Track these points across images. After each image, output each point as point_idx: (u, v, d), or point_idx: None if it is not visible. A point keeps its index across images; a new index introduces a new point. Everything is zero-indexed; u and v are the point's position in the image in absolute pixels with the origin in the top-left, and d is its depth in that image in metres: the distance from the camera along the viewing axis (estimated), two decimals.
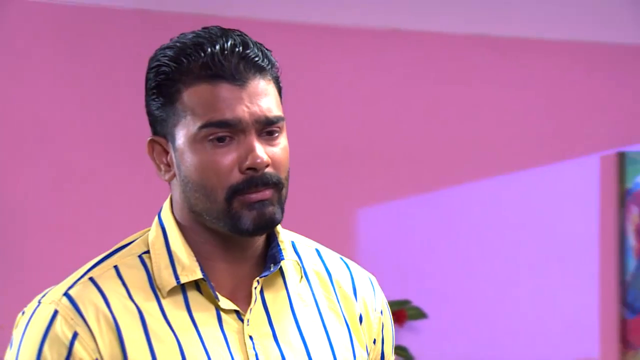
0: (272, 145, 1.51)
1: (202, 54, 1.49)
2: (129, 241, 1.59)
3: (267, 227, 1.50)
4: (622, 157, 3.37)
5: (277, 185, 1.50)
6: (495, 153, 3.37)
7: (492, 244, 3.37)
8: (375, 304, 1.66)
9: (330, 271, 1.64)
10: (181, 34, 1.55)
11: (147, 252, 1.56)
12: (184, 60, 1.50)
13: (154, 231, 1.57)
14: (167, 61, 1.52)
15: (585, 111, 3.39)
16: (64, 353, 1.47)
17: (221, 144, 1.49)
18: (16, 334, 1.54)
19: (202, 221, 1.53)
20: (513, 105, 3.32)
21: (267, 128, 1.50)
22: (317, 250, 1.66)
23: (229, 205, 1.49)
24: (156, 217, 1.59)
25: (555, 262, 3.35)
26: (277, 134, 1.52)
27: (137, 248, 1.57)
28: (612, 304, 3.36)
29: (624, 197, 3.36)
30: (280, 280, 1.57)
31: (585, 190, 3.41)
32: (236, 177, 1.48)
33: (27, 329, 1.51)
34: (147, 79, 1.56)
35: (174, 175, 1.53)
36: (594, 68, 3.39)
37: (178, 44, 1.52)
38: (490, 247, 3.37)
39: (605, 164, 3.41)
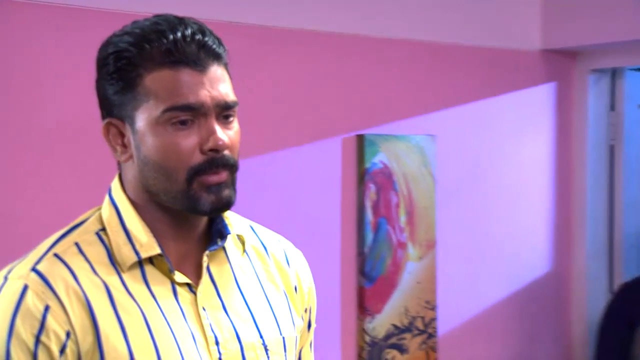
0: (228, 129, 1.55)
1: (165, 41, 1.50)
2: (82, 219, 1.59)
3: (224, 209, 1.55)
4: (361, 140, 3.50)
5: (233, 167, 1.54)
6: (252, 136, 3.43)
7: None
8: (306, 276, 1.75)
9: (266, 245, 1.71)
10: (135, 22, 1.55)
11: (103, 229, 1.57)
12: (147, 46, 1.51)
13: (107, 210, 1.58)
14: (128, 47, 1.52)
15: (328, 97, 3.48)
16: (37, 326, 1.46)
17: (183, 126, 1.51)
18: None
19: (157, 200, 1.55)
20: (261, 90, 3.34)
21: (224, 112, 1.54)
22: (251, 227, 1.72)
23: (188, 186, 1.51)
24: (107, 197, 1.60)
25: (300, 237, 3.33)
26: (232, 118, 1.55)
27: (92, 226, 1.57)
28: (351, 273, 3.48)
29: (363, 176, 3.49)
30: (223, 254, 1.63)
31: (329, 169, 3.49)
32: (197, 158, 1.51)
33: None
34: (104, 64, 1.55)
35: (131, 156, 1.55)
36: (339, 58, 3.47)
37: (137, 31, 1.53)
38: None
39: (346, 145, 3.52)
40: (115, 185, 1.60)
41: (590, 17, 3.88)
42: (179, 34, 1.50)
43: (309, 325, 1.77)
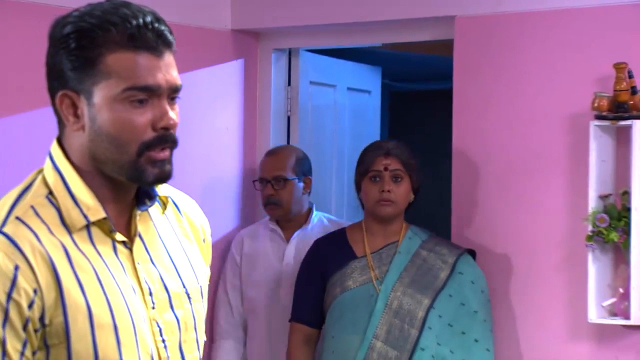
0: (173, 110, 1.68)
1: (129, 26, 1.61)
2: (28, 182, 1.69)
3: (164, 181, 1.70)
4: None
5: (174, 144, 1.69)
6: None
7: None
8: (208, 229, 1.90)
9: (177, 204, 1.85)
10: (90, 4, 1.65)
11: (51, 192, 1.66)
12: (112, 28, 1.61)
13: (51, 175, 1.67)
14: (92, 27, 1.62)
15: None
16: (8, 284, 1.56)
17: (139, 105, 1.63)
18: None
19: (102, 168, 1.66)
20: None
21: (173, 94, 1.67)
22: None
23: (137, 158, 1.64)
24: (49, 161, 1.68)
25: None
26: (176, 100, 1.69)
27: (41, 190, 1.67)
28: None
29: None
30: (147, 214, 1.76)
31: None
32: (149, 134, 1.64)
33: None
34: (63, 42, 1.63)
35: (82, 127, 1.65)
36: None
37: (98, 13, 1.63)
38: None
39: None
40: (55, 151, 1.69)
41: (273, 2, 4.32)
42: (141, 20, 1.62)
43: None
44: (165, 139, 1.67)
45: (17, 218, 1.62)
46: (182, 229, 1.83)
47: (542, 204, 3.79)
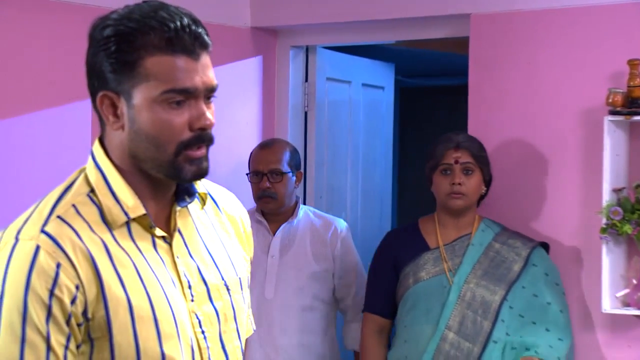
0: (209, 109, 1.72)
1: (167, 29, 1.64)
2: (71, 181, 1.71)
3: (201, 178, 1.73)
4: None
5: (211, 142, 1.72)
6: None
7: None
8: (248, 221, 1.93)
9: (216, 199, 1.88)
10: (130, 7, 1.67)
11: (92, 190, 1.69)
12: (151, 32, 1.64)
13: (93, 173, 1.70)
14: (131, 31, 1.64)
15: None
16: (50, 281, 1.59)
17: (177, 106, 1.66)
18: None
19: (141, 166, 1.69)
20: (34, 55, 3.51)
21: (209, 94, 1.71)
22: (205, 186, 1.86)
23: (175, 157, 1.67)
24: (91, 161, 1.72)
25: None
26: (212, 100, 1.73)
27: (82, 188, 1.69)
28: None
29: None
30: (186, 210, 1.78)
31: (81, 126, 3.67)
32: (186, 134, 1.67)
33: (11, 263, 1.60)
34: (104, 44, 1.65)
35: (122, 126, 1.67)
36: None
37: (137, 16, 1.65)
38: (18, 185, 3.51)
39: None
40: (97, 150, 1.72)
41: (291, 1, 4.36)
42: (178, 24, 1.64)
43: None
44: (202, 138, 1.69)
45: (59, 217, 1.65)
46: (220, 224, 1.86)
47: (556, 198, 3.83)
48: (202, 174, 1.71)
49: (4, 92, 3.51)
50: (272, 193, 3.86)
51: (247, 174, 3.99)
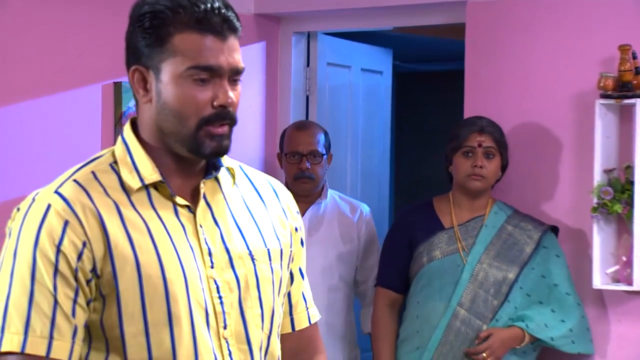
0: (235, 90, 1.75)
1: (197, 10, 1.69)
2: (99, 155, 1.79)
3: (221, 155, 1.77)
4: (118, 86, 3.80)
5: (233, 121, 1.76)
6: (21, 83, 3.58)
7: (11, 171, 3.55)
8: (294, 206, 1.95)
9: (253, 182, 1.91)
10: None
11: (116, 162, 1.75)
12: (181, 11, 1.69)
13: (119, 147, 1.77)
14: (164, 9, 1.70)
15: (88, 48, 3.75)
16: (57, 238, 1.66)
17: (202, 83, 1.71)
18: (15, 225, 1.70)
19: (166, 141, 1.74)
20: (30, 41, 3.56)
21: (234, 76, 1.74)
22: (240, 167, 1.91)
23: (196, 132, 1.72)
24: (120, 137, 1.79)
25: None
26: (238, 82, 1.76)
27: (107, 159, 1.76)
28: None
29: (120, 118, 3.80)
30: (217, 185, 1.83)
31: (91, 112, 3.77)
32: (208, 110, 1.72)
33: (25, 220, 1.68)
34: (140, 20, 1.72)
35: (150, 99, 1.73)
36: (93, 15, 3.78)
37: None
38: (16, 173, 3.55)
39: (106, 92, 3.80)
40: (127, 129, 1.80)
41: None
42: (209, 5, 1.70)
43: (302, 243, 1.95)
44: (223, 116, 1.73)
45: (74, 180, 1.71)
46: (254, 200, 1.88)
47: (550, 178, 3.91)
48: (221, 151, 1.76)
49: (14, 78, 3.57)
50: (310, 174, 3.88)
51: (279, 154, 4.00)
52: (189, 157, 1.77)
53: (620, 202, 3.67)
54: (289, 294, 1.95)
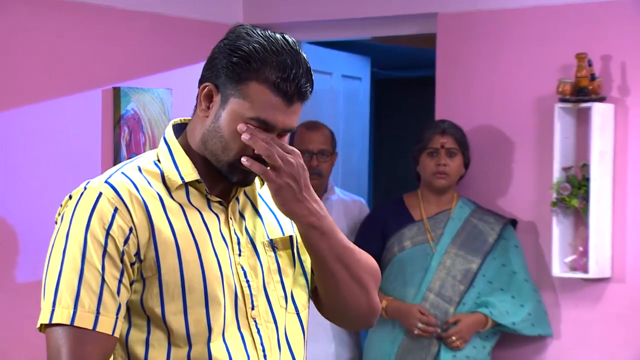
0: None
1: (282, 75, 1.74)
2: (143, 155, 1.89)
3: (244, 186, 1.85)
4: (117, 91, 3.89)
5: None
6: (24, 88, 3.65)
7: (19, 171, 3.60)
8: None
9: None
10: (274, 38, 1.77)
11: (159, 160, 1.84)
12: (267, 67, 1.74)
13: (162, 149, 1.86)
14: (256, 58, 1.74)
15: (88, 56, 3.84)
16: (107, 223, 1.73)
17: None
18: (67, 211, 1.76)
19: (206, 153, 1.81)
20: (35, 51, 3.64)
21: (284, 133, 1.81)
22: None
23: (232, 161, 1.79)
24: (162, 140, 1.88)
25: (66, 171, 3.69)
26: (285, 135, 1.82)
27: (151, 157, 1.85)
28: None
29: (118, 121, 3.89)
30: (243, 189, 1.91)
31: (91, 115, 3.84)
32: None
33: (78, 206, 1.75)
34: (232, 51, 1.75)
35: (208, 116, 1.79)
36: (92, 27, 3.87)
37: (268, 48, 1.74)
38: (19, 176, 3.59)
39: (105, 96, 3.88)
40: (168, 131, 1.87)
41: (280, 0, 4.55)
42: (292, 72, 1.74)
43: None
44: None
45: (123, 173, 1.80)
46: (265, 189, 1.93)
47: (513, 175, 4.05)
48: (246, 183, 1.84)
49: (16, 83, 3.62)
50: (319, 171, 3.98)
51: None
52: None
53: (577, 197, 3.81)
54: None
